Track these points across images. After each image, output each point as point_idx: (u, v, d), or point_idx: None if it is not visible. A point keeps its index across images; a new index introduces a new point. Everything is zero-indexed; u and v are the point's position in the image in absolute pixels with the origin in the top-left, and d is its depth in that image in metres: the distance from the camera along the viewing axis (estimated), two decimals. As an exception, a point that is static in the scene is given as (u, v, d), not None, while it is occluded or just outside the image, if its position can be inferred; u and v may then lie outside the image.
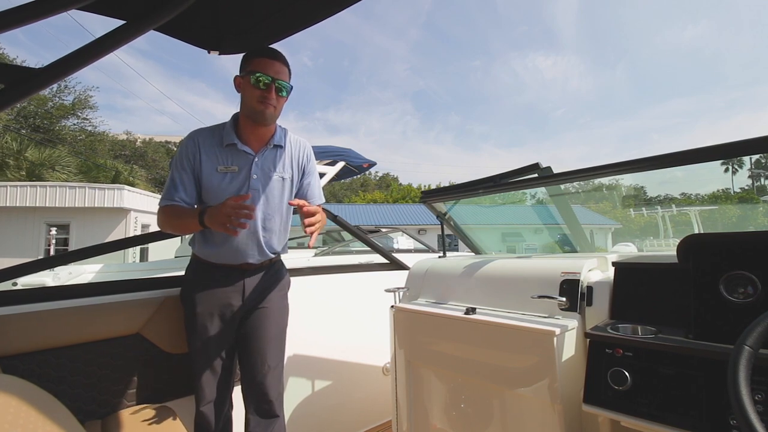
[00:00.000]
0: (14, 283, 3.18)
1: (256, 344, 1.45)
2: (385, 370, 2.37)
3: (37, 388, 0.85)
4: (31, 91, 0.93)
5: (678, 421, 0.86)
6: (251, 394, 1.46)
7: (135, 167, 23.93)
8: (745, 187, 51.16)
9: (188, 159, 1.39)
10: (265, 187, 1.44)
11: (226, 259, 1.43)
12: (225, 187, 1.39)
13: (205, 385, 1.39)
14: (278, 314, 1.52)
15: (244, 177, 1.41)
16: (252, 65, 1.36)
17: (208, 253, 1.43)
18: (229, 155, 1.41)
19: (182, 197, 1.38)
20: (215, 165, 1.39)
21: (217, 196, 1.38)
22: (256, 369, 1.44)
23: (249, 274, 1.46)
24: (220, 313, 1.41)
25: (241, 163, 1.41)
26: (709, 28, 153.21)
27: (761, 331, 0.68)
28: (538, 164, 1.57)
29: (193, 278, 1.46)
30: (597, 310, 1.22)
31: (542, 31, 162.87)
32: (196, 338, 1.40)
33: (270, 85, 1.35)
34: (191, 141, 1.40)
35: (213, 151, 1.40)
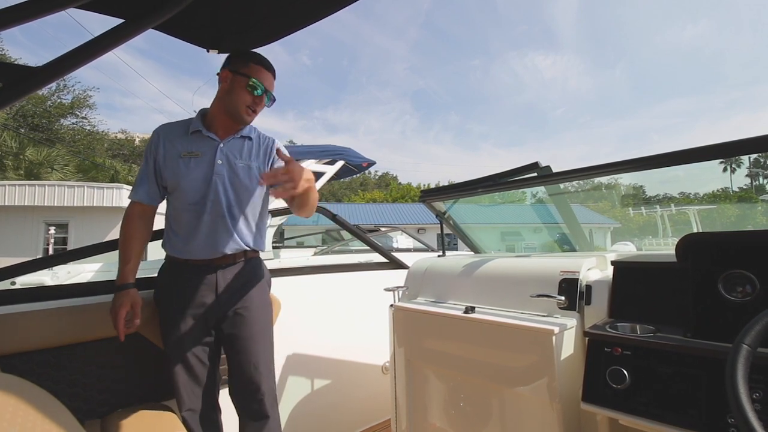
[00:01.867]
0: (13, 282, 3.18)
1: (240, 344, 1.42)
2: (385, 369, 2.37)
3: (35, 387, 0.85)
4: (30, 90, 0.93)
5: (676, 419, 0.86)
6: (239, 394, 1.44)
7: (134, 166, 23.86)
8: (744, 186, 51.26)
9: (150, 152, 1.41)
10: (230, 174, 1.42)
11: (199, 252, 1.39)
12: (189, 173, 1.38)
13: (183, 389, 1.36)
14: (260, 311, 1.47)
15: (209, 162, 1.40)
16: (249, 70, 1.39)
17: (180, 248, 1.40)
18: (194, 142, 1.41)
19: (141, 195, 1.41)
20: (179, 151, 1.39)
21: (182, 181, 1.37)
22: (242, 369, 1.42)
23: (222, 268, 1.41)
24: (193, 312, 1.37)
25: (204, 148, 1.41)
26: (709, 28, 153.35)
27: (759, 329, 0.68)
28: (537, 163, 1.57)
29: (164, 278, 1.44)
30: (596, 308, 1.22)
31: (542, 31, 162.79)
32: (170, 340, 1.37)
33: (262, 95, 1.42)
34: (154, 134, 1.43)
35: (177, 140, 1.41)
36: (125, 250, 1.37)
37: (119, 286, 1.32)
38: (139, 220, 1.41)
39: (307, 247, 5.39)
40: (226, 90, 1.40)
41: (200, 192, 1.38)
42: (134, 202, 1.41)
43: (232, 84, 1.39)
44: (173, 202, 1.42)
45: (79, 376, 1.38)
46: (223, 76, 1.41)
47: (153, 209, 1.45)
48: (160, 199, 1.45)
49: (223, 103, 1.42)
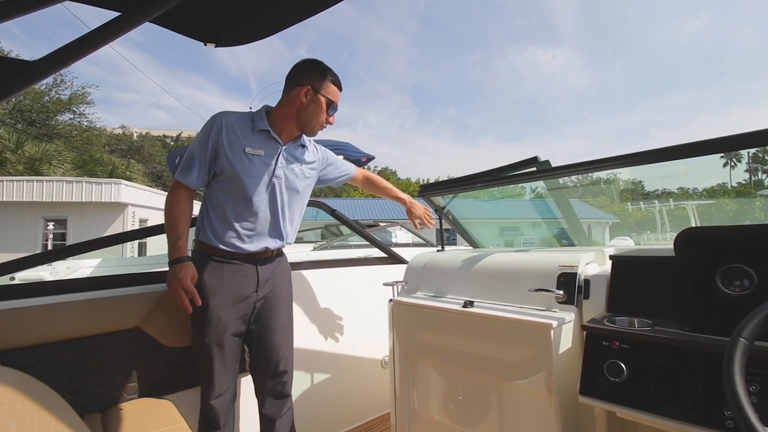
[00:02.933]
0: (12, 278, 3.18)
1: (269, 329, 1.49)
2: (384, 363, 2.38)
3: (34, 380, 0.85)
4: (25, 85, 0.92)
5: (673, 412, 0.87)
6: (264, 376, 1.51)
7: (132, 161, 23.78)
8: (742, 181, 51.30)
9: (210, 137, 1.39)
10: (288, 177, 1.49)
11: (244, 245, 1.42)
12: (250, 169, 1.40)
13: (217, 378, 1.39)
14: (288, 302, 1.58)
15: (271, 163, 1.44)
16: (331, 92, 1.49)
17: (222, 239, 1.40)
18: (257, 140, 1.43)
19: (193, 180, 1.40)
20: (242, 145, 1.40)
21: (242, 176, 1.39)
22: (270, 353, 1.49)
23: (261, 263, 1.47)
24: (234, 304, 1.41)
25: (268, 149, 1.45)
26: (709, 23, 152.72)
27: (756, 323, 0.69)
28: (536, 158, 1.57)
29: (202, 270, 1.41)
30: (594, 302, 1.22)
31: (541, 25, 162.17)
32: (210, 332, 1.37)
33: (334, 114, 1.53)
34: (217, 119, 1.41)
35: (241, 132, 1.42)
36: (175, 228, 1.38)
37: (177, 258, 1.34)
38: (186, 202, 1.42)
39: (307, 242, 5.38)
40: (305, 106, 1.45)
41: (258, 190, 1.42)
42: (182, 184, 1.40)
43: (312, 102, 1.45)
44: (223, 193, 1.42)
45: (79, 371, 1.38)
46: (303, 92, 1.44)
47: (195, 193, 1.47)
48: (205, 184, 1.46)
49: (296, 115, 1.47)
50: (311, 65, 1.49)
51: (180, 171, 1.41)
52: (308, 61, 1.51)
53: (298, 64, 1.51)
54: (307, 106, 1.45)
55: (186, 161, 1.41)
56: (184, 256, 1.36)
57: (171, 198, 1.41)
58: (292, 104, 1.46)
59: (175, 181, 1.42)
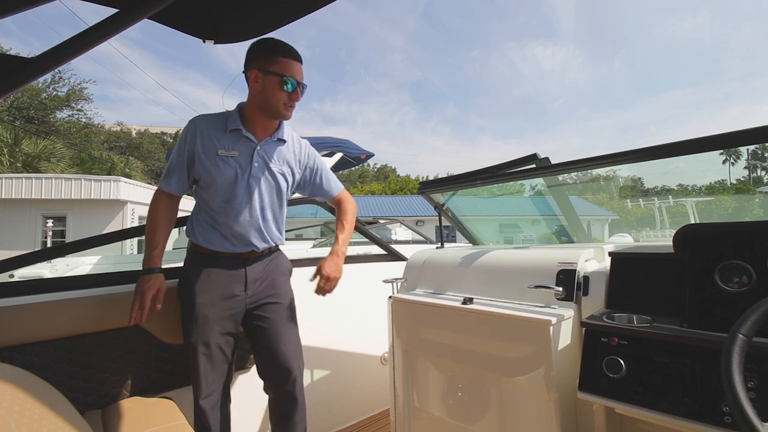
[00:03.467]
0: (11, 275, 3.18)
1: (272, 330, 1.46)
2: (383, 360, 2.39)
3: (35, 377, 0.85)
4: (24, 81, 0.92)
5: (672, 408, 0.87)
6: (273, 378, 1.48)
7: (131, 158, 23.73)
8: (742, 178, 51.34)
9: (185, 143, 1.39)
10: (265, 177, 1.44)
11: (229, 247, 1.41)
12: (225, 171, 1.37)
13: (205, 378, 1.37)
14: (287, 299, 1.54)
15: (246, 163, 1.40)
16: (279, 66, 1.35)
17: (209, 241, 1.41)
18: (231, 140, 1.40)
19: (171, 186, 1.41)
20: (215, 149, 1.37)
21: (217, 179, 1.37)
22: (275, 354, 1.46)
23: (250, 262, 1.45)
24: (221, 303, 1.40)
25: (242, 149, 1.40)
26: (708, 20, 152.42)
27: (755, 319, 0.69)
28: (536, 155, 1.57)
29: (192, 269, 1.43)
30: (593, 299, 1.23)
31: (541, 22, 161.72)
32: (196, 330, 1.37)
33: (296, 89, 1.39)
34: (191, 125, 1.40)
35: (214, 136, 1.39)
36: (152, 236, 1.39)
37: (147, 269, 1.35)
38: (166, 209, 1.44)
39: (306, 239, 5.38)
40: (259, 91, 1.38)
41: (236, 193, 1.39)
42: (163, 191, 1.42)
43: (265, 85, 1.36)
44: (205, 196, 1.42)
45: (79, 368, 1.38)
46: (252, 77, 1.37)
47: (179, 198, 1.48)
48: (189, 189, 1.46)
49: (258, 104, 1.40)
50: (255, 46, 1.39)
51: (162, 178, 1.43)
52: (253, 44, 1.40)
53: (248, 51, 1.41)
54: (261, 91, 1.37)
55: (167, 168, 1.43)
56: (156, 267, 1.36)
57: (152, 205, 1.43)
58: (251, 94, 1.41)
59: (158, 187, 1.44)
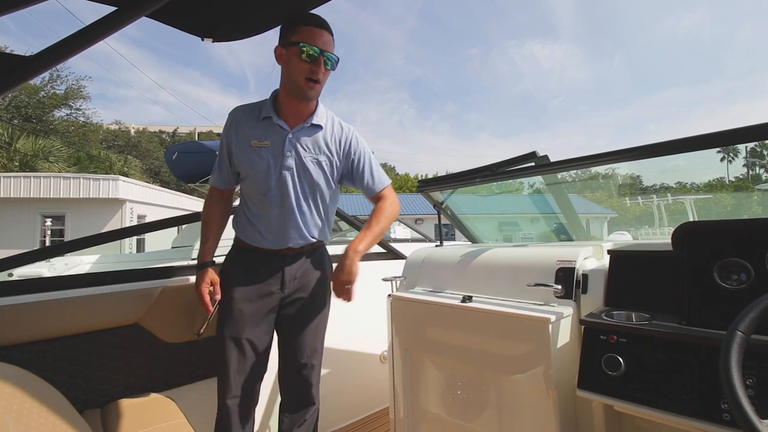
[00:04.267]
0: (10, 274, 3.17)
1: (296, 331, 1.41)
2: (383, 358, 2.39)
3: (33, 376, 0.85)
4: (21, 80, 0.91)
5: (670, 405, 0.88)
6: (291, 379, 1.44)
7: (129, 157, 23.68)
8: (740, 176, 51.39)
9: (224, 136, 1.39)
10: (299, 167, 1.35)
11: (267, 242, 1.37)
12: (258, 163, 1.32)
13: (234, 376, 1.32)
14: (320, 303, 1.45)
15: (278, 153, 1.33)
16: (298, 35, 1.25)
17: (249, 235, 1.38)
18: (264, 129, 1.34)
19: (217, 180, 1.43)
20: (249, 139, 1.33)
21: (252, 171, 1.34)
22: (296, 356, 1.41)
23: (289, 260, 1.39)
24: (258, 299, 1.36)
25: (274, 137, 1.34)
26: (707, 18, 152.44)
27: (753, 316, 0.69)
28: (535, 153, 1.56)
29: (231, 263, 1.41)
30: (592, 297, 1.23)
31: (540, 20, 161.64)
32: (229, 324, 1.33)
33: (318, 58, 1.26)
34: (228, 118, 1.39)
35: (248, 125, 1.35)
36: (203, 231, 1.42)
37: (200, 264, 1.37)
38: (216, 204, 1.45)
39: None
40: (284, 68, 1.31)
41: (269, 184, 1.34)
42: (212, 186, 1.45)
43: (287, 59, 1.28)
44: (244, 190, 1.41)
45: (78, 367, 1.38)
46: (278, 56, 1.31)
47: (230, 191, 1.48)
48: (236, 182, 1.44)
49: (284, 84, 1.32)
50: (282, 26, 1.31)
51: (213, 173, 1.44)
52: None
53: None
54: (287, 67, 1.29)
55: (216, 163, 1.43)
56: (207, 262, 1.37)
57: (205, 202, 1.46)
58: (281, 77, 1.33)
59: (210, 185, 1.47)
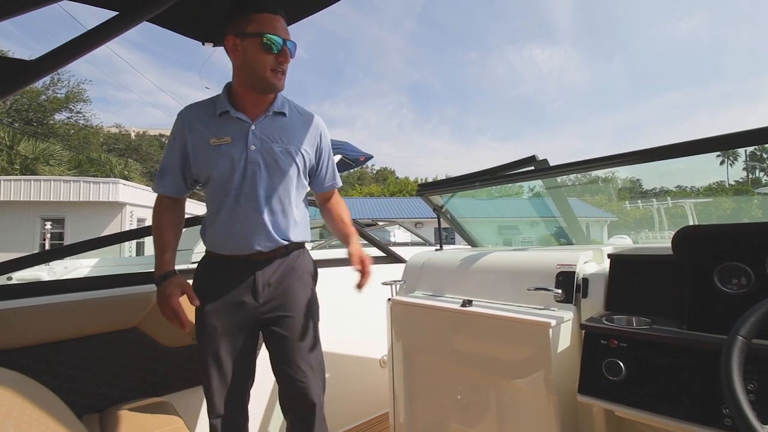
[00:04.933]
0: (9, 278, 3.17)
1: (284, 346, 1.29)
2: (382, 363, 2.38)
3: (31, 381, 0.85)
4: (23, 84, 0.92)
5: (671, 410, 0.87)
6: (289, 400, 1.32)
7: (130, 161, 23.72)
8: (740, 179, 51.46)
9: (175, 140, 1.26)
10: (266, 161, 1.24)
11: (235, 248, 1.26)
12: (219, 161, 1.22)
13: (216, 395, 1.25)
14: (303, 310, 1.33)
15: (241, 148, 1.22)
16: (255, 24, 1.15)
17: (215, 242, 1.28)
18: (222, 125, 1.23)
19: (167, 188, 1.30)
20: (207, 137, 1.22)
21: (213, 172, 1.23)
22: (292, 371, 1.28)
23: (260, 266, 1.27)
24: (230, 311, 1.25)
25: (235, 132, 1.23)
26: (706, 21, 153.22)
27: (754, 321, 0.69)
28: (534, 157, 1.57)
29: (201, 273, 1.32)
30: (592, 301, 1.23)
31: (539, 23, 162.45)
32: (205, 341, 1.26)
33: (283, 48, 1.18)
34: (179, 120, 1.27)
35: (203, 124, 1.23)
36: (158, 241, 1.28)
37: (161, 276, 1.22)
38: (168, 212, 1.31)
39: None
40: (241, 61, 1.19)
41: (233, 183, 1.23)
42: (161, 195, 1.31)
43: (245, 51, 1.17)
44: (207, 194, 1.30)
45: (77, 371, 1.38)
46: (230, 46, 1.19)
47: (182, 199, 1.37)
48: (188, 189, 1.34)
49: (242, 78, 1.22)
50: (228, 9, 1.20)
51: (156, 180, 1.31)
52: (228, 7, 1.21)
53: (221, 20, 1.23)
54: (243, 61, 1.18)
55: (160, 168, 1.31)
56: (169, 271, 1.23)
57: (154, 209, 1.31)
58: (234, 68, 1.23)
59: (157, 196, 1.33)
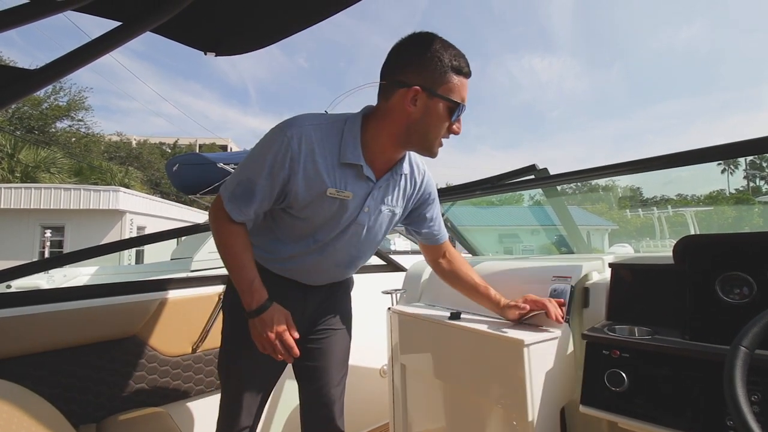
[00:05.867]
0: (8, 286, 3.17)
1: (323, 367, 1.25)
2: (383, 372, 2.36)
3: (27, 391, 0.84)
4: (26, 93, 0.93)
5: (674, 421, 0.86)
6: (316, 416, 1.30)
7: (130, 169, 23.80)
8: (741, 188, 51.54)
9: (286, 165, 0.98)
10: (371, 223, 1.12)
11: (299, 278, 1.18)
12: (328, 214, 1.06)
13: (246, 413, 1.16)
14: (346, 323, 1.32)
15: (356, 207, 1.07)
16: (452, 88, 0.98)
17: (276, 266, 1.16)
18: (344, 177, 1.04)
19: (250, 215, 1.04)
20: (324, 186, 1.01)
21: (314, 220, 1.06)
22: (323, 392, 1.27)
23: (313, 290, 1.22)
24: None
25: (357, 190, 1.05)
26: (704, 29, 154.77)
27: (757, 331, 0.68)
28: (534, 166, 1.57)
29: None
30: (594, 311, 1.22)
31: (538, 33, 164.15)
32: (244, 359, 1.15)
33: (460, 118, 1.03)
34: (295, 141, 0.98)
35: (324, 165, 1.01)
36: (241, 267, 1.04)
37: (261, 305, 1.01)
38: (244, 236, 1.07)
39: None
40: (417, 117, 0.98)
41: (329, 235, 1.10)
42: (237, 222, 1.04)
43: (427, 109, 0.97)
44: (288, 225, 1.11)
45: (75, 380, 1.37)
46: (411, 96, 0.96)
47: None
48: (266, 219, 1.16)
49: (404, 133, 1.01)
50: (420, 49, 0.97)
51: (233, 201, 1.02)
52: (414, 42, 0.98)
53: (397, 49, 1.01)
54: (418, 119, 0.98)
55: (243, 190, 1.01)
56: (268, 299, 1.03)
57: (224, 233, 1.04)
58: (394, 116, 1.00)
59: (225, 212, 1.02)
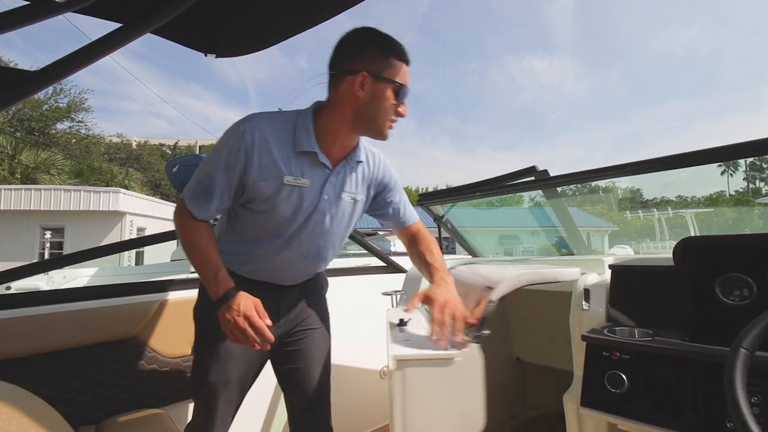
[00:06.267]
0: (8, 287, 3.16)
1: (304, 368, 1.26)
2: (383, 374, 2.36)
3: (27, 393, 0.84)
4: (26, 94, 0.93)
5: (675, 423, 0.86)
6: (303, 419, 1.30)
7: (130, 170, 23.83)
8: (741, 189, 51.55)
9: (241, 158, 1.03)
10: (333, 211, 1.14)
11: (267, 279, 1.18)
12: (287, 203, 1.08)
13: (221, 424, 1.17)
14: (322, 323, 1.32)
15: (314, 196, 1.10)
16: (396, 72, 1.05)
17: (244, 268, 1.16)
18: (302, 165, 1.07)
19: (212, 212, 1.08)
20: (280, 174, 1.05)
21: (273, 211, 1.08)
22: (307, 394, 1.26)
23: (285, 292, 1.22)
24: None
25: (314, 176, 1.09)
26: (704, 31, 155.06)
27: (757, 333, 0.68)
28: (534, 167, 1.58)
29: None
30: (594, 312, 1.22)
31: (538, 34, 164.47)
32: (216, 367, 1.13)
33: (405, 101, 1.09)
34: (248, 133, 1.03)
35: (279, 155, 1.05)
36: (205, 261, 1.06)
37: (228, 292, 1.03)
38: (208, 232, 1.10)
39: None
40: (365, 101, 1.04)
41: (292, 227, 1.11)
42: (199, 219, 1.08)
43: (375, 93, 1.03)
44: (250, 221, 1.13)
45: (74, 382, 1.36)
46: (358, 81, 1.02)
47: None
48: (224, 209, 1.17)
49: (354, 117, 1.06)
50: (363, 39, 1.06)
51: (194, 199, 1.06)
52: (357, 34, 1.07)
53: (342, 42, 1.08)
54: (368, 102, 1.03)
55: (203, 187, 1.05)
56: (231, 289, 1.04)
57: (188, 230, 1.08)
58: (344, 102, 1.05)
59: (187, 210, 1.07)
